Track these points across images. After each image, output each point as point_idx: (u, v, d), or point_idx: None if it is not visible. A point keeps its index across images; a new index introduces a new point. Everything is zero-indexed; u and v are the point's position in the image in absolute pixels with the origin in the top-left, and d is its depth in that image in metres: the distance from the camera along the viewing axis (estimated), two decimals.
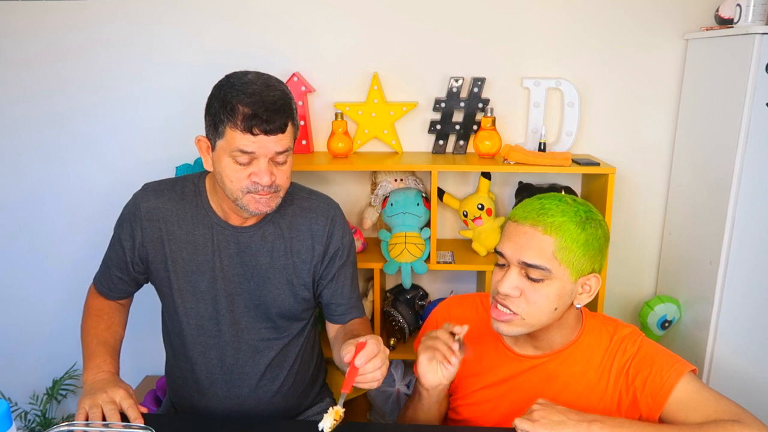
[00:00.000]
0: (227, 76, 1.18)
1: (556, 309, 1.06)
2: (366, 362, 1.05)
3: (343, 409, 1.08)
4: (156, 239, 1.29)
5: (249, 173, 1.15)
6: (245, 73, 1.17)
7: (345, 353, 1.07)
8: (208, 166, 1.22)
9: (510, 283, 1.05)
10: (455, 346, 1.09)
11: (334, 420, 1.07)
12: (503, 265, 1.08)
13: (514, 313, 1.05)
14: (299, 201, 1.33)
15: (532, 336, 1.12)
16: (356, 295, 1.40)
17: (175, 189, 1.31)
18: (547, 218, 1.03)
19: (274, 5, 1.91)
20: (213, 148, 1.18)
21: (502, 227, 1.12)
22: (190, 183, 1.32)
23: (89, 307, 1.37)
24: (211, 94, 1.17)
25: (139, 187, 1.34)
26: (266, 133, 1.12)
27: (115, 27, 1.93)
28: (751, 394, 1.60)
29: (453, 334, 1.10)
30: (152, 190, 1.31)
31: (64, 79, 1.98)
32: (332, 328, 1.40)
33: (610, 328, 1.14)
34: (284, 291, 1.31)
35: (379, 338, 1.10)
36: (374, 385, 1.08)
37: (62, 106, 2.00)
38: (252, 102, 1.11)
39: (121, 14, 1.92)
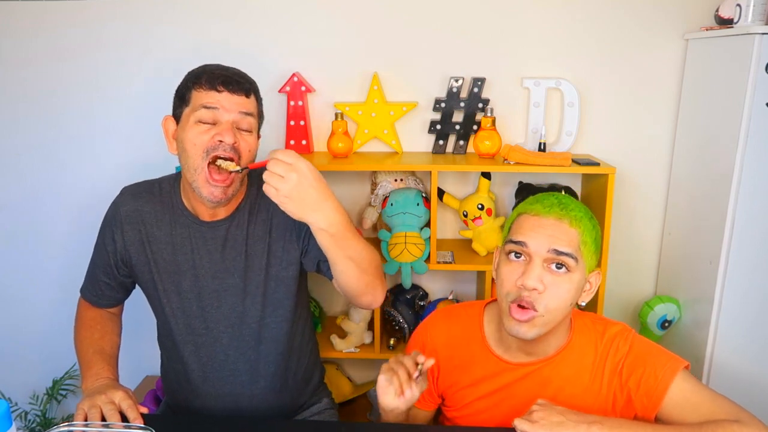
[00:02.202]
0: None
1: (571, 304, 1.06)
2: (271, 156, 1.07)
3: (239, 169, 1.18)
4: (137, 241, 1.30)
5: (213, 134, 1.17)
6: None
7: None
8: (172, 149, 1.25)
9: (536, 275, 1.02)
10: (415, 375, 1.06)
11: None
12: (519, 258, 1.05)
13: (535, 310, 1.03)
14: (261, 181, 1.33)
15: (527, 342, 1.09)
16: None
17: (153, 191, 1.32)
18: (570, 212, 1.05)
19: (274, 5, 1.91)
20: (178, 122, 1.23)
21: (512, 222, 1.10)
22: (167, 184, 1.33)
23: (80, 319, 1.37)
24: (183, 79, 1.25)
25: None
26: (230, 91, 1.18)
27: (114, 27, 1.93)
28: (751, 394, 1.60)
29: (418, 364, 1.07)
30: (130, 194, 1.33)
31: (64, 79, 1.98)
32: (336, 284, 1.34)
33: (600, 327, 1.14)
34: (265, 278, 1.30)
35: (302, 161, 1.10)
36: (264, 189, 1.08)
37: (62, 105, 2.00)
38: (217, 68, 1.21)
39: (120, 14, 1.92)
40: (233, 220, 1.29)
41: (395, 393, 1.05)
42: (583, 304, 1.10)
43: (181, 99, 1.22)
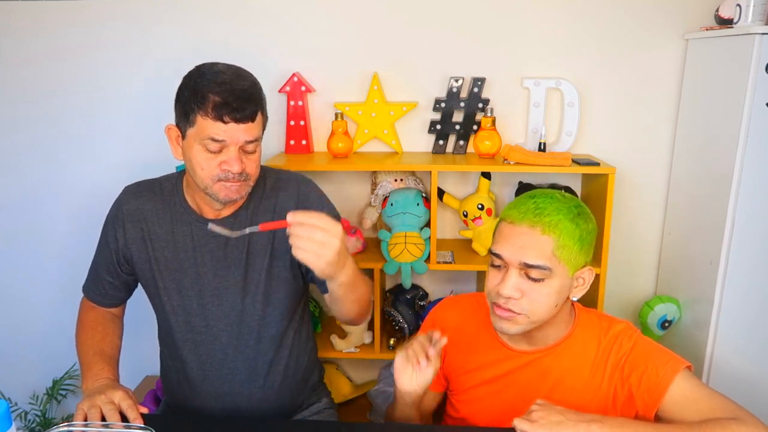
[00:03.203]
0: (197, 67, 1.21)
1: (556, 305, 1.07)
2: (299, 221, 1.01)
3: (239, 234, 1.12)
4: (138, 239, 1.31)
5: (219, 162, 1.17)
6: (215, 64, 1.21)
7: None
8: (177, 155, 1.25)
9: (511, 284, 1.04)
10: (431, 351, 1.08)
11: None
12: (499, 266, 1.08)
13: (518, 313, 1.06)
14: (270, 182, 1.34)
15: (527, 332, 1.11)
16: None
17: (154, 189, 1.34)
18: (544, 218, 1.03)
19: (274, 5, 1.91)
20: (183, 137, 1.21)
21: (495, 229, 1.12)
22: (168, 183, 1.34)
23: (82, 321, 1.38)
24: (182, 84, 1.20)
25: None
26: (236, 121, 1.14)
27: (114, 27, 1.93)
28: (751, 394, 1.60)
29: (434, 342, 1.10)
30: (132, 192, 1.34)
31: (64, 79, 1.98)
32: (327, 298, 1.34)
33: (604, 323, 1.15)
34: (266, 277, 1.31)
35: (339, 225, 1.04)
36: (301, 255, 1.02)
37: (62, 105, 2.00)
38: (222, 91, 1.14)
39: (120, 14, 1.92)
40: (236, 218, 1.30)
41: (412, 366, 1.07)
42: (575, 298, 1.12)
43: (185, 116, 1.18)
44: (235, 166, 1.17)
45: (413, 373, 1.09)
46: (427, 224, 1.86)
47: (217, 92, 1.14)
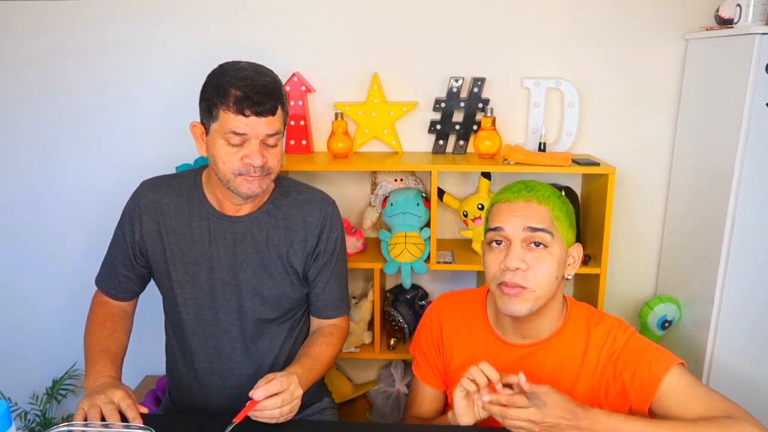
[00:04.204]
0: (220, 65, 1.25)
1: (557, 278, 1.11)
2: (265, 396, 1.09)
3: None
4: (154, 232, 1.33)
5: (241, 155, 1.20)
6: (237, 62, 1.25)
7: (254, 386, 1.11)
8: (202, 151, 1.28)
9: (517, 255, 1.08)
10: (502, 389, 1.03)
11: None
12: (499, 242, 1.11)
13: (525, 287, 1.08)
14: (295, 194, 1.37)
15: (521, 323, 1.14)
16: (338, 294, 1.43)
17: (172, 184, 1.36)
18: (537, 192, 1.12)
19: (274, 5, 1.91)
20: (207, 132, 1.24)
21: (488, 213, 1.16)
22: (187, 178, 1.37)
23: (92, 316, 1.39)
24: (206, 81, 1.24)
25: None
26: (257, 114, 1.18)
27: (115, 27, 1.93)
28: (751, 394, 1.60)
29: (509, 386, 1.05)
30: (150, 186, 1.37)
31: (64, 79, 1.98)
32: (312, 321, 1.46)
33: (594, 316, 1.18)
34: (280, 280, 1.34)
35: (294, 378, 1.14)
36: (271, 421, 1.11)
37: (62, 106, 2.00)
38: (244, 86, 1.18)
39: (120, 14, 1.92)
40: (254, 218, 1.33)
41: (477, 407, 1.07)
42: (569, 277, 1.16)
43: (208, 111, 1.22)
44: (256, 159, 1.20)
45: (477, 409, 1.07)
46: (427, 224, 1.86)
47: (239, 87, 1.17)
